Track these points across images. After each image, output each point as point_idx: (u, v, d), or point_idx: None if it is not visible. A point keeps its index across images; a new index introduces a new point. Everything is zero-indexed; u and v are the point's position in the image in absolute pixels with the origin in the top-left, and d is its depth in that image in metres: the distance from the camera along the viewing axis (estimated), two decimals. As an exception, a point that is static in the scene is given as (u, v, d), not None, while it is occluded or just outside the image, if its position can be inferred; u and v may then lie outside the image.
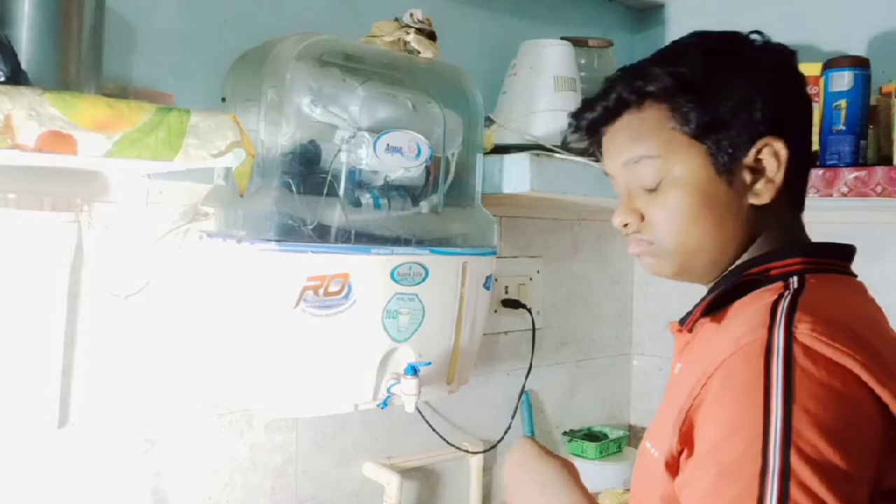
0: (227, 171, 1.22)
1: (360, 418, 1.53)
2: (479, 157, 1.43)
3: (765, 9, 1.79)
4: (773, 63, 0.89)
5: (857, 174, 1.37)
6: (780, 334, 0.73)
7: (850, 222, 1.62)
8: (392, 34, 1.33)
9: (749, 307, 0.81)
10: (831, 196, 1.39)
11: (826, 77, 1.46)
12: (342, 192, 1.22)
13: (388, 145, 1.23)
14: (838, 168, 1.40)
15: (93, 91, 0.99)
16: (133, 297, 1.24)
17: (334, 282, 1.19)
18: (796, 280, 0.82)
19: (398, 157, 1.24)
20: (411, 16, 1.34)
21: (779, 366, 0.71)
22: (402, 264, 1.26)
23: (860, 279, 0.90)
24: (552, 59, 1.57)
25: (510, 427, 1.76)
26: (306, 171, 1.20)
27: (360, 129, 1.23)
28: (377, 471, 1.52)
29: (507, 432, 1.74)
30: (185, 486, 1.32)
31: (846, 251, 0.90)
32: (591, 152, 1.02)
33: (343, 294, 1.20)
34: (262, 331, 1.20)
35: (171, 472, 1.30)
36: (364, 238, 1.22)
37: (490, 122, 1.55)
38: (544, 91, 1.54)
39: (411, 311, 1.29)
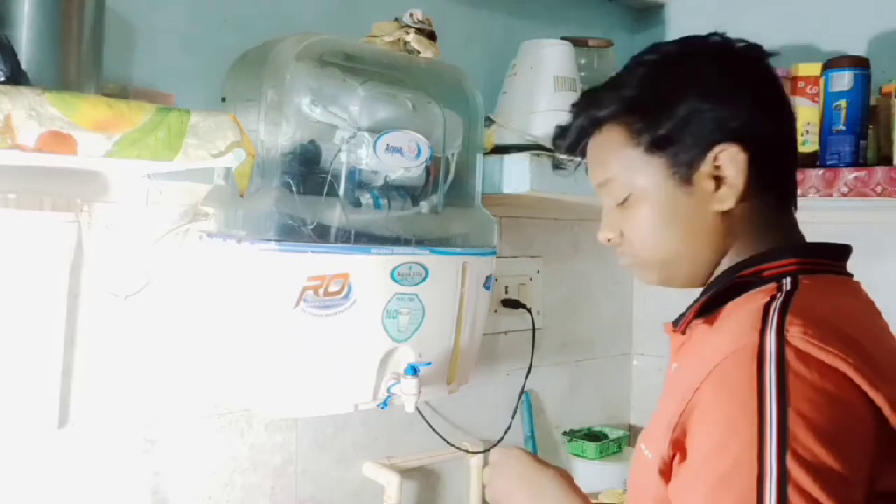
0: (227, 171, 1.22)
1: (360, 418, 1.53)
2: (479, 157, 1.43)
3: (765, 9, 1.79)
4: (727, 66, 0.89)
5: (857, 174, 1.37)
6: (771, 338, 0.73)
7: (850, 222, 1.61)
8: (392, 34, 1.33)
9: (741, 309, 0.81)
10: (831, 196, 1.39)
11: (826, 77, 1.46)
12: (342, 192, 1.22)
13: (388, 145, 1.23)
14: (838, 168, 1.40)
15: (93, 91, 0.99)
16: (133, 297, 1.24)
17: (334, 282, 1.19)
18: (789, 281, 0.82)
19: (398, 157, 1.24)
20: (411, 16, 1.34)
21: (772, 370, 0.71)
22: (402, 264, 1.26)
23: (860, 279, 0.90)
24: (552, 59, 1.57)
25: (510, 427, 1.75)
26: (306, 171, 1.20)
27: (360, 129, 1.23)
28: (377, 471, 1.52)
29: (507, 432, 1.74)
30: (185, 486, 1.32)
31: (841, 251, 0.90)
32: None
33: (343, 294, 1.20)
34: (262, 331, 1.20)
35: (171, 472, 1.30)
36: (364, 238, 1.22)
37: (490, 122, 1.55)
38: (544, 91, 1.54)
39: (411, 311, 1.29)
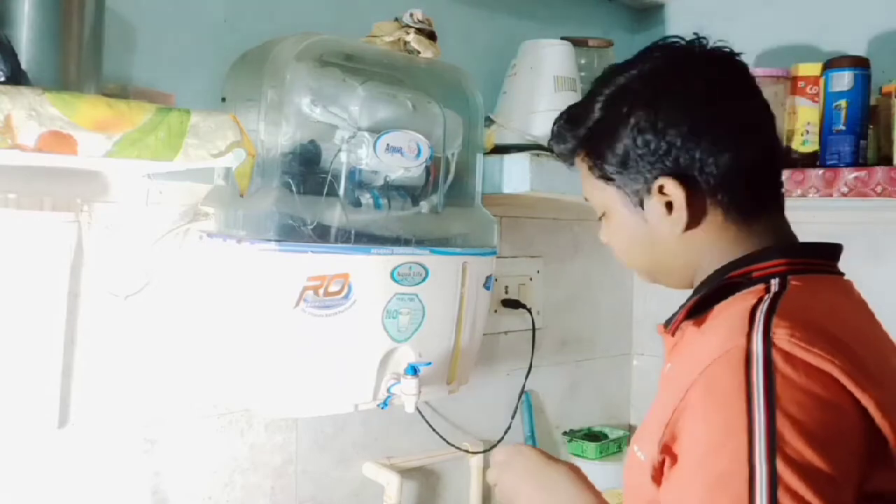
0: (227, 171, 1.22)
1: (360, 418, 1.53)
2: (479, 157, 1.43)
3: (765, 9, 1.79)
4: (674, 91, 0.87)
5: (857, 174, 1.36)
6: (758, 341, 0.73)
7: (850, 222, 1.61)
8: (392, 34, 1.33)
9: (730, 310, 0.81)
10: (831, 196, 1.39)
11: (826, 77, 1.46)
12: (342, 192, 1.22)
13: (388, 145, 1.23)
14: (838, 168, 1.40)
15: (93, 91, 0.99)
16: (133, 297, 1.24)
17: (334, 282, 1.19)
18: (778, 282, 0.82)
19: (398, 157, 1.24)
20: (411, 16, 1.34)
21: (759, 373, 0.71)
22: (402, 264, 1.26)
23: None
24: (552, 59, 1.57)
25: (510, 427, 1.75)
26: (306, 171, 1.20)
27: (360, 129, 1.23)
28: (377, 471, 1.52)
29: (507, 432, 1.74)
30: (185, 486, 1.32)
31: (832, 250, 0.90)
32: None
33: (343, 294, 1.20)
34: (262, 331, 1.20)
35: (171, 472, 1.30)
36: (364, 238, 1.22)
37: (490, 122, 1.55)
38: (544, 91, 1.54)
39: (411, 311, 1.29)
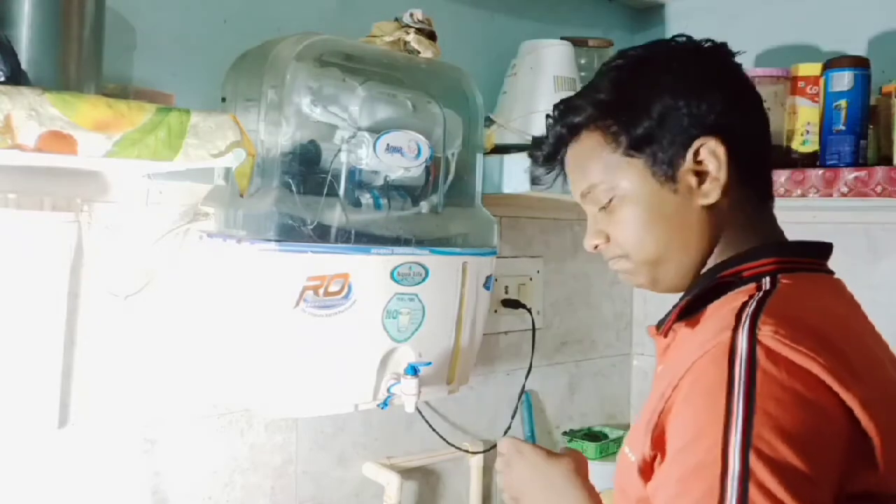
0: (227, 171, 1.22)
1: (360, 418, 1.53)
2: (479, 157, 1.43)
3: (765, 9, 1.78)
4: (697, 64, 0.89)
5: (857, 174, 1.36)
6: (743, 337, 0.73)
7: (850, 222, 1.61)
8: (392, 34, 1.33)
9: (721, 310, 0.81)
10: (831, 196, 1.38)
11: (826, 77, 1.45)
12: (342, 192, 1.22)
13: (388, 145, 1.23)
14: (838, 168, 1.40)
15: (93, 91, 0.99)
16: (133, 297, 1.24)
17: (334, 282, 1.19)
18: (768, 281, 0.82)
19: (398, 157, 1.24)
20: (411, 16, 1.34)
21: (741, 368, 0.71)
22: (402, 264, 1.26)
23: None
24: (552, 59, 1.57)
25: (510, 427, 1.75)
26: (306, 171, 1.20)
27: (360, 129, 1.23)
28: (377, 471, 1.52)
29: (506, 432, 1.74)
30: (185, 486, 1.32)
31: (822, 249, 0.90)
32: None
33: (343, 294, 1.20)
34: (262, 331, 1.20)
35: (171, 472, 1.30)
36: (364, 238, 1.22)
37: (490, 122, 1.55)
38: (544, 91, 1.54)
39: (411, 311, 1.29)
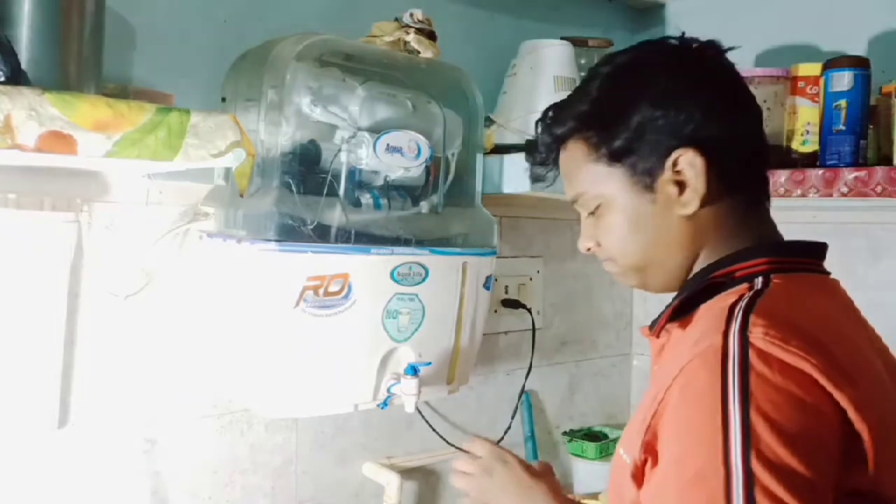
0: (227, 171, 1.22)
1: (360, 418, 1.53)
2: (479, 157, 1.43)
3: (765, 8, 1.78)
4: (679, 70, 0.89)
5: (857, 174, 1.36)
6: (735, 339, 0.72)
7: (850, 222, 1.61)
8: (392, 34, 1.33)
9: (712, 310, 0.81)
10: (831, 196, 1.38)
11: (826, 77, 1.46)
12: (342, 192, 1.22)
13: (388, 145, 1.23)
14: (838, 168, 1.40)
15: (93, 91, 0.99)
16: (133, 297, 1.24)
17: (334, 282, 1.19)
18: (760, 281, 0.81)
19: (398, 157, 1.24)
20: (411, 16, 1.34)
21: (735, 371, 0.70)
22: (402, 264, 1.26)
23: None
24: (552, 59, 1.57)
25: (510, 427, 1.75)
26: (306, 171, 1.20)
27: (360, 129, 1.23)
28: (377, 471, 1.52)
29: (507, 432, 1.74)
30: (185, 486, 1.32)
31: (816, 249, 0.90)
32: None
33: (343, 294, 1.20)
34: (261, 331, 1.20)
35: (171, 472, 1.30)
36: (364, 238, 1.22)
37: (490, 122, 1.55)
38: (544, 91, 1.54)
39: (411, 311, 1.29)
